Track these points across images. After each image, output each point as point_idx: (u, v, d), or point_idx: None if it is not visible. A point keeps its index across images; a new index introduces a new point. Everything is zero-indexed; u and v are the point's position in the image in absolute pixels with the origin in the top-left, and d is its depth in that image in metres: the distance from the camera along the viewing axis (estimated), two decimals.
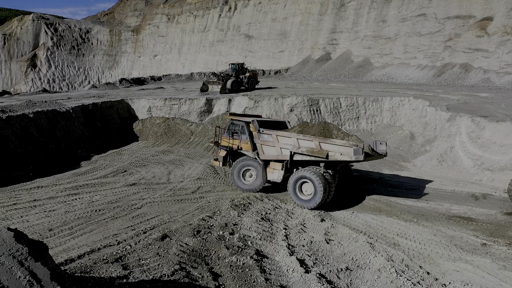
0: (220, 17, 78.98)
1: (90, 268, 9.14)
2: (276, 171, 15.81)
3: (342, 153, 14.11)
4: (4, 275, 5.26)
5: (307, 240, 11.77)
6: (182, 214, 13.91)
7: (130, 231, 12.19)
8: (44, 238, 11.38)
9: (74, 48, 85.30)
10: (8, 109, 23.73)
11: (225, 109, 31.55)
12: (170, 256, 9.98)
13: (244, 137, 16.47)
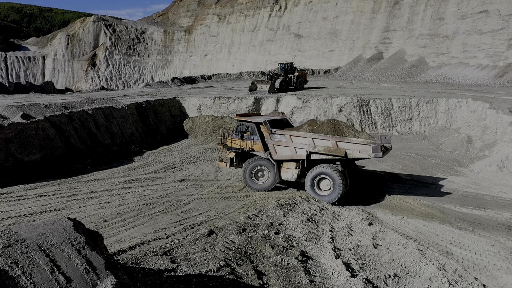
0: (270, 16, 79.16)
1: (141, 260, 9.51)
2: (290, 170, 16.18)
3: (360, 150, 14.61)
4: (63, 262, 5.61)
5: (353, 244, 11.51)
6: (228, 211, 14.12)
7: (178, 225, 12.55)
8: (99, 228, 12.00)
9: (130, 48, 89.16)
10: (70, 105, 25.28)
11: (273, 109, 31.60)
12: (216, 252, 10.16)
13: (255, 138, 16.51)
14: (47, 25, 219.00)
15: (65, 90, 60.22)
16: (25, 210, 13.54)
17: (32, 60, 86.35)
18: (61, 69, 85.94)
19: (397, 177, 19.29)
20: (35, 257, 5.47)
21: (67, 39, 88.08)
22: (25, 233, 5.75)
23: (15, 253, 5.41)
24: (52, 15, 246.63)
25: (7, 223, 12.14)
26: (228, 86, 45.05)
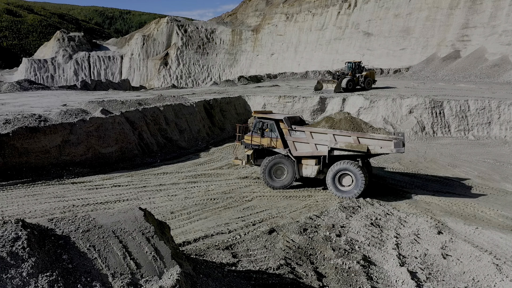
0: (339, 14, 77.56)
1: (204, 252, 9.86)
2: (309, 166, 16.30)
3: (382, 146, 14.89)
4: (134, 249, 6.00)
5: (420, 252, 10.96)
6: (290, 210, 14.13)
7: (240, 221, 12.81)
8: (166, 219, 12.62)
9: (200, 47, 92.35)
10: (144, 102, 26.82)
11: (339, 109, 31.00)
12: (277, 250, 10.23)
13: (274, 135, 16.59)
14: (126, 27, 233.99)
15: (140, 88, 64.02)
16: (101, 198, 14.62)
17: (112, 59, 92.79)
18: (137, 67, 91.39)
19: (470, 183, 18.01)
20: (110, 242, 5.91)
21: (143, 39, 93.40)
22: (102, 219, 6.24)
23: (93, 237, 5.89)
24: (130, 17, 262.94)
25: (86, 209, 13.21)
26: (293, 85, 44.96)
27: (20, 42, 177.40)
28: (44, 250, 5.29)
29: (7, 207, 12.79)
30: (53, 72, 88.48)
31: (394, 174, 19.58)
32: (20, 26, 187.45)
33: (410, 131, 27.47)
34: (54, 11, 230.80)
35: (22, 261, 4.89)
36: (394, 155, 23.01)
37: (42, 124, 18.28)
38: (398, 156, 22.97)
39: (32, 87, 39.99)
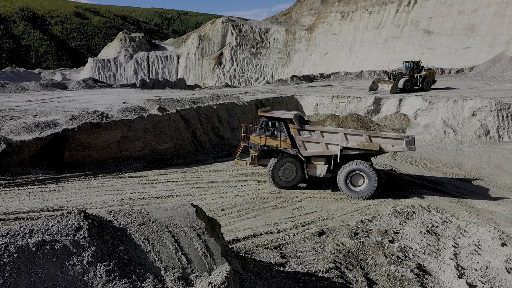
0: (397, 12, 74.75)
1: (252, 251, 9.92)
2: (319, 166, 16.15)
3: (394, 144, 14.99)
4: (186, 244, 6.15)
5: (481, 264, 10.28)
6: (340, 213, 13.84)
7: (289, 222, 12.74)
8: (216, 216, 12.86)
9: (254, 47, 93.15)
10: (198, 100, 27.51)
11: (395, 110, 29.89)
12: (326, 253, 10.06)
13: (283, 134, 16.19)
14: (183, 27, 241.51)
15: (194, 86, 65.80)
16: (156, 192, 15.19)
17: (169, 59, 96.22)
18: (192, 67, 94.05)
19: None
20: (163, 236, 6.11)
21: (199, 39, 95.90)
22: (156, 214, 6.46)
23: (148, 231, 6.12)
24: (188, 17, 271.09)
25: (142, 203, 13.79)
26: (347, 85, 44.02)
27: (86, 43, 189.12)
28: (103, 240, 5.58)
29: (71, 197, 13.66)
30: (115, 71, 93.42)
31: (453, 180, 18.54)
32: (87, 28, 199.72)
33: (473, 134, 25.87)
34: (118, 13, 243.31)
35: (83, 249, 5.19)
36: (452, 159, 21.80)
37: (104, 120, 19.32)
38: (459, 160, 21.73)
39: (96, 85, 42.46)
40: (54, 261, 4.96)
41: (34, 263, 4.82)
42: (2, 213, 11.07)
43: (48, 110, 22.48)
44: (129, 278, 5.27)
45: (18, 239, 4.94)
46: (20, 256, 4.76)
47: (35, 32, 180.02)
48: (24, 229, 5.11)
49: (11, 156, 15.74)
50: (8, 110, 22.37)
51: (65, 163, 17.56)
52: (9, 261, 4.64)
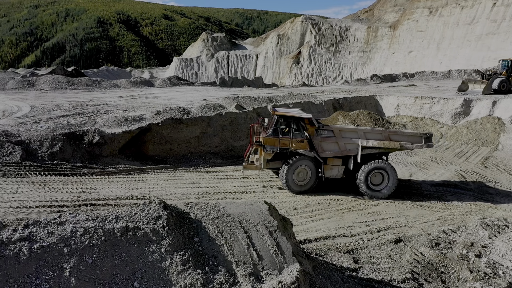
0: (494, 6, 68.31)
1: (324, 253, 9.72)
2: (335, 167, 15.47)
3: (413, 142, 14.99)
4: (257, 241, 6.20)
5: None
6: (420, 221, 13.02)
7: (364, 226, 12.29)
8: (289, 215, 12.82)
9: (333, 45, 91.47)
10: (274, 99, 27.71)
11: (487, 113, 27.40)
12: (403, 262, 9.52)
13: (299, 135, 15.14)
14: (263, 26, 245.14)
15: (272, 85, 66.44)
16: (231, 188, 15.58)
17: (248, 58, 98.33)
18: (270, 65, 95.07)
19: None
20: (236, 231, 6.23)
21: (277, 38, 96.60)
22: (230, 209, 6.61)
23: (222, 225, 6.28)
24: (268, 17, 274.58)
25: (217, 197, 14.23)
26: (432, 85, 41.30)
27: (172, 43, 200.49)
28: (180, 231, 5.84)
29: (153, 188, 14.56)
30: (197, 69, 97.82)
31: None
32: (173, 29, 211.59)
33: None
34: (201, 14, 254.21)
35: (161, 238, 5.48)
36: None
37: (185, 116, 20.29)
38: None
39: (179, 83, 44.81)
40: (135, 246, 5.30)
41: (118, 247, 5.20)
42: (93, 199, 12.14)
43: (136, 106, 24.18)
44: (202, 269, 5.44)
45: (105, 223, 5.36)
46: (107, 240, 5.16)
47: (128, 34, 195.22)
48: (111, 215, 5.53)
49: (103, 147, 17.23)
50: (102, 105, 24.49)
51: (148, 156, 18.76)
52: (97, 243, 5.06)
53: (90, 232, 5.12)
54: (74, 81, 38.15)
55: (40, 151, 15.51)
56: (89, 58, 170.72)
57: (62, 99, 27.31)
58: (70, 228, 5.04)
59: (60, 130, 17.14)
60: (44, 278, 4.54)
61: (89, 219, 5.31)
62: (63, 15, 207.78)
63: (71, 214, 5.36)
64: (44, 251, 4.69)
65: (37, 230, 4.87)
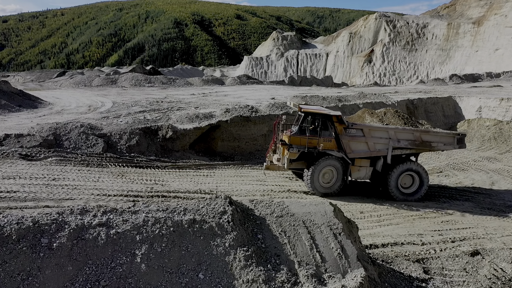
0: None
1: (391, 260, 9.30)
2: (363, 168, 14.56)
3: (445, 143, 14.42)
4: (321, 242, 6.11)
5: None
6: (501, 233, 11.93)
7: (437, 235, 11.55)
8: (355, 218, 12.45)
9: (408, 43, 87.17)
10: (344, 98, 27.10)
11: None
12: (480, 277, 8.80)
13: (327, 133, 14.18)
14: (334, 25, 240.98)
15: (341, 84, 65.06)
16: (295, 187, 15.50)
17: (318, 57, 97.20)
18: (340, 64, 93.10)
19: None
20: (300, 231, 6.18)
21: (349, 36, 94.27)
22: (294, 208, 6.57)
23: (285, 223, 6.27)
24: (340, 15, 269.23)
25: (281, 195, 14.25)
26: None
27: (243, 43, 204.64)
28: (244, 227, 5.93)
29: (220, 183, 14.97)
30: (266, 68, 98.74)
31: None
32: (245, 28, 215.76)
33: None
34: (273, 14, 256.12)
35: (226, 232, 5.60)
36: None
37: (253, 114, 20.59)
38: None
39: (248, 81, 45.59)
40: (201, 239, 5.49)
41: (185, 239, 5.41)
42: (165, 191, 12.77)
43: (207, 103, 25.04)
44: (265, 267, 5.48)
45: (174, 215, 5.61)
46: (175, 231, 5.40)
47: (202, 34, 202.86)
48: (180, 207, 5.78)
49: (175, 142, 18.09)
50: (176, 102, 25.70)
51: (217, 152, 19.34)
52: (166, 233, 5.31)
53: (160, 222, 5.39)
54: (151, 79, 40.49)
55: (119, 144, 16.69)
56: (165, 57, 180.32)
57: (140, 95, 29.14)
58: (142, 217, 5.35)
59: (137, 125, 18.29)
60: (118, 262, 4.88)
61: (160, 210, 5.60)
62: (143, 17, 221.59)
63: (144, 204, 5.70)
64: (119, 237, 5.03)
65: (113, 217, 5.25)
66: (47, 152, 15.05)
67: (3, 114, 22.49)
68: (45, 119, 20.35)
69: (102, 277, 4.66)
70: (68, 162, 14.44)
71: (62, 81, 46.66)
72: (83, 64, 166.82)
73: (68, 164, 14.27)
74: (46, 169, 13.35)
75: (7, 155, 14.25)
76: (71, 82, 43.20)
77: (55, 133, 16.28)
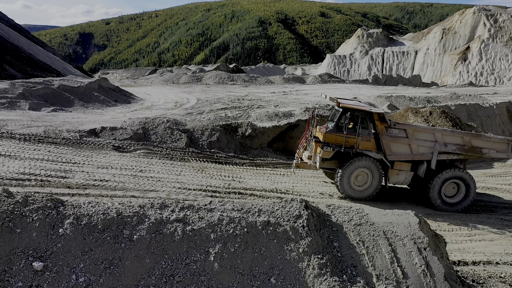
0: None
1: (484, 280, 8.37)
2: (403, 172, 13.23)
3: (498, 150, 13.30)
4: (403, 256, 5.63)
5: None
6: None
7: None
8: (442, 231, 11.46)
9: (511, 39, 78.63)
10: (433, 99, 25.23)
11: None
12: None
13: (366, 132, 12.87)
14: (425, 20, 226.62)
15: (431, 84, 60.87)
16: None
17: (405, 55, 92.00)
18: (430, 63, 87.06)
19: None
20: (379, 242, 5.76)
21: (442, 33, 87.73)
22: (375, 217, 6.15)
23: (364, 233, 5.89)
24: (432, 10, 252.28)
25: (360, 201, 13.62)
26: None
27: (326, 41, 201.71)
28: (319, 233, 5.68)
29: (297, 183, 14.76)
30: (349, 66, 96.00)
31: None
32: (328, 26, 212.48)
33: None
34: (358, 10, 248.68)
35: (300, 238, 5.41)
36: None
37: None
38: None
39: (330, 80, 44.67)
40: (275, 242, 5.36)
41: (258, 240, 5.33)
42: (242, 188, 12.93)
43: (287, 102, 24.96)
44: (340, 277, 5.19)
45: (249, 215, 5.56)
46: (249, 231, 5.34)
47: (285, 32, 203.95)
48: (254, 208, 5.71)
49: (254, 139, 18.28)
50: (256, 100, 26.01)
51: (294, 151, 19.14)
52: (240, 233, 5.28)
53: (234, 222, 5.37)
54: (233, 77, 41.58)
55: (201, 139, 17.32)
56: (248, 55, 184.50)
57: (222, 93, 30.05)
58: (217, 216, 5.38)
59: (218, 122, 18.82)
60: (192, 259, 4.95)
61: (235, 209, 5.59)
62: (229, 16, 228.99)
63: (219, 203, 5.73)
64: (194, 234, 5.11)
65: (190, 214, 5.34)
66: (136, 144, 16.14)
67: (102, 108, 24.67)
68: (136, 114, 21.90)
69: (176, 272, 4.76)
70: (154, 155, 15.32)
71: (153, 78, 50.01)
72: (172, 63, 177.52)
73: (154, 157, 15.14)
74: (134, 161, 14.30)
75: (102, 146, 15.55)
76: (161, 79, 46.08)
77: (144, 127, 17.40)
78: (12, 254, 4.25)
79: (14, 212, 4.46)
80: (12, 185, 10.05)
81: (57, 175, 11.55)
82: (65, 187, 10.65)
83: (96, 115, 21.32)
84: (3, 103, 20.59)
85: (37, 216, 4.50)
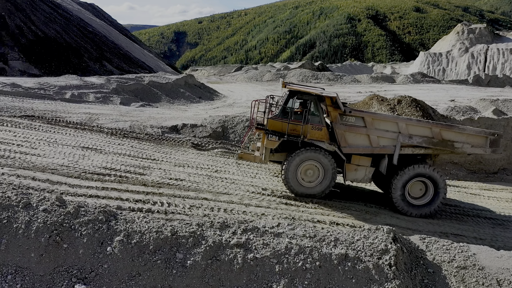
0: None
1: None
2: (361, 168, 11.40)
3: (474, 144, 11.27)
4: None
5: None
6: None
7: None
8: None
9: None
10: None
11: None
12: None
13: (317, 119, 11.24)
14: None
15: None
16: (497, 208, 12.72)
17: None
18: None
19: None
20: None
21: None
22: (485, 258, 4.85)
23: (470, 279, 4.63)
24: None
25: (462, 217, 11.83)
26: None
27: (420, 37, 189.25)
28: (410, 274, 4.59)
29: None
30: (445, 65, 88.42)
31: None
32: (423, 21, 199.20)
33: None
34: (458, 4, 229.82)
35: (386, 279, 4.39)
36: None
37: None
38: None
39: (423, 80, 41.20)
40: (353, 282, 4.41)
41: (333, 278, 4.42)
42: None
43: None
44: None
45: (323, 245, 4.66)
46: (321, 266, 4.46)
47: (374, 29, 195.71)
48: (330, 236, 4.79)
49: None
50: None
51: None
52: (311, 267, 4.42)
53: (305, 252, 4.52)
54: (318, 75, 40.33)
55: None
56: (335, 53, 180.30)
57: None
58: (285, 243, 4.57)
59: None
60: None
61: (306, 235, 4.73)
62: (317, 13, 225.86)
63: (289, 226, 4.91)
64: (256, 263, 4.37)
65: (253, 238, 4.61)
66: (215, 143, 16.00)
67: (186, 105, 25.27)
68: (217, 111, 21.96)
69: None
70: (231, 154, 15.02)
71: (238, 75, 50.73)
72: (258, 60, 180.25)
73: (230, 156, 14.84)
74: (211, 160, 14.10)
75: (182, 143, 15.66)
76: (245, 76, 46.47)
77: (223, 126, 17.23)
78: (55, 273, 3.94)
79: (63, 224, 4.15)
80: (93, 179, 10.28)
81: (136, 171, 11.68)
82: (141, 184, 10.66)
83: (180, 111, 21.79)
84: (98, 97, 21.98)
85: (86, 230, 4.14)
